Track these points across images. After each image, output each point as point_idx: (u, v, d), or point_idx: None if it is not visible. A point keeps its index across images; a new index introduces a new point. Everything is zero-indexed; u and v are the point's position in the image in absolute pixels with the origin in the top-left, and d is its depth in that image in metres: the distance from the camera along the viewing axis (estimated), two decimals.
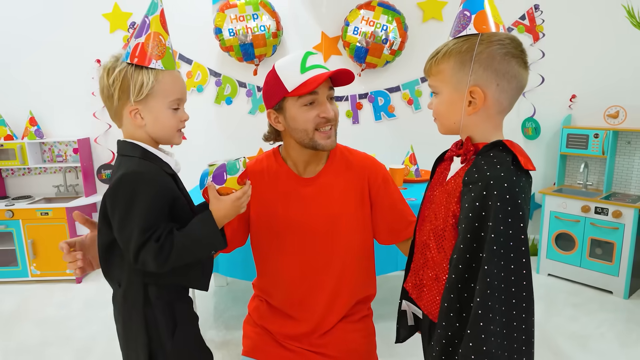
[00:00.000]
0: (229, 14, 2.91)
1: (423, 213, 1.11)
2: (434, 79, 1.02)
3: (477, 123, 0.99)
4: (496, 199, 0.86)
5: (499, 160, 0.90)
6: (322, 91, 1.23)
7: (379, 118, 3.27)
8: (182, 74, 3.20)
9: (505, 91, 0.95)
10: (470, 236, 0.89)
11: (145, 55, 1.05)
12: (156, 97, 1.07)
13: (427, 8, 3.11)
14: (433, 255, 1.02)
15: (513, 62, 0.93)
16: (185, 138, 3.30)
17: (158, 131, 1.10)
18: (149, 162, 1.07)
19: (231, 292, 2.99)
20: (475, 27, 0.98)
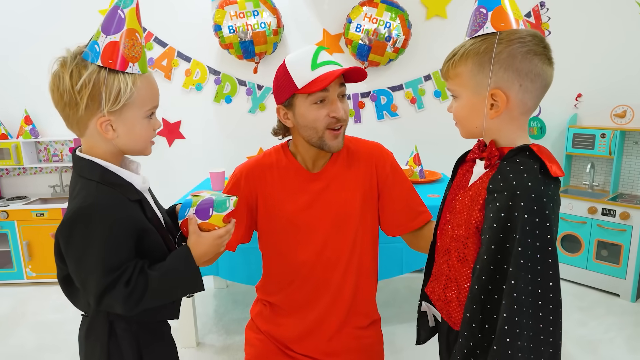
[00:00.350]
0: (229, 10, 2.84)
1: (444, 217, 1.06)
2: (452, 82, 0.97)
3: (500, 126, 0.94)
4: (523, 210, 0.82)
5: (525, 168, 0.86)
6: (333, 89, 1.19)
7: (382, 117, 3.21)
8: (181, 71, 3.15)
9: (529, 91, 0.90)
10: (495, 247, 0.84)
11: (122, 58, 0.91)
12: (133, 106, 0.94)
13: (431, 5, 3.05)
14: (455, 262, 0.98)
15: (536, 60, 0.88)
16: (184, 137, 3.25)
17: (131, 143, 0.98)
18: (110, 188, 0.94)
19: (231, 294, 2.94)
20: (493, 25, 0.93)
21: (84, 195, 0.91)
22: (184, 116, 3.24)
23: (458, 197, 1.01)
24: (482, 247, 0.87)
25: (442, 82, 3.15)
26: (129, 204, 0.96)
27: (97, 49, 0.91)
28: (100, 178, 0.94)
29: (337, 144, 1.23)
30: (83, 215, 0.89)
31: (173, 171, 3.28)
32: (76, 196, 0.92)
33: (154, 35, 3.11)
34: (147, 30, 3.10)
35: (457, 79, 0.96)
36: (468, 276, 0.95)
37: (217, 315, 2.68)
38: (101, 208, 0.90)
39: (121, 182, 0.97)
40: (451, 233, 0.99)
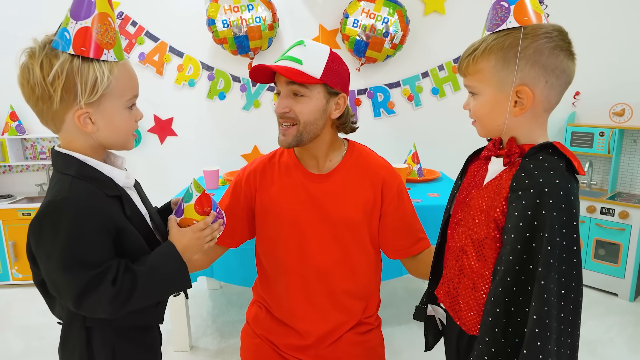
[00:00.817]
0: (223, 4, 2.77)
1: (456, 216, 1.02)
2: (472, 78, 0.93)
3: (522, 124, 0.91)
4: (552, 208, 0.79)
5: (551, 165, 0.83)
6: (280, 85, 1.18)
7: (379, 115, 3.16)
8: (173, 67, 3.07)
9: (554, 88, 0.87)
10: (521, 247, 0.81)
11: (95, 45, 0.85)
12: (112, 96, 0.89)
13: (429, 1, 3.00)
14: (471, 263, 0.94)
15: (562, 55, 0.85)
16: (176, 134, 3.17)
17: (112, 137, 0.92)
18: (86, 182, 0.88)
19: (225, 295, 2.87)
20: (517, 19, 0.89)
21: (57, 190, 0.85)
22: (177, 113, 3.16)
23: (472, 195, 0.97)
24: (506, 247, 0.83)
25: (440, 79, 3.11)
26: (106, 199, 0.89)
27: (67, 36, 0.84)
28: (76, 172, 0.88)
29: (281, 141, 1.22)
30: (53, 209, 0.82)
31: (165, 169, 3.20)
32: (49, 191, 0.87)
33: (145, 30, 3.02)
34: (138, 24, 3.01)
35: (477, 75, 0.92)
36: (486, 277, 0.91)
37: (211, 317, 2.61)
38: (72, 201, 0.83)
39: (100, 176, 0.91)
40: (468, 232, 0.95)
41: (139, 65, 3.04)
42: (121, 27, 3.00)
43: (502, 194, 0.88)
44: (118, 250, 0.90)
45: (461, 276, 0.96)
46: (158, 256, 0.94)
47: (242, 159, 3.21)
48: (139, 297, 0.88)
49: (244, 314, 1.47)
